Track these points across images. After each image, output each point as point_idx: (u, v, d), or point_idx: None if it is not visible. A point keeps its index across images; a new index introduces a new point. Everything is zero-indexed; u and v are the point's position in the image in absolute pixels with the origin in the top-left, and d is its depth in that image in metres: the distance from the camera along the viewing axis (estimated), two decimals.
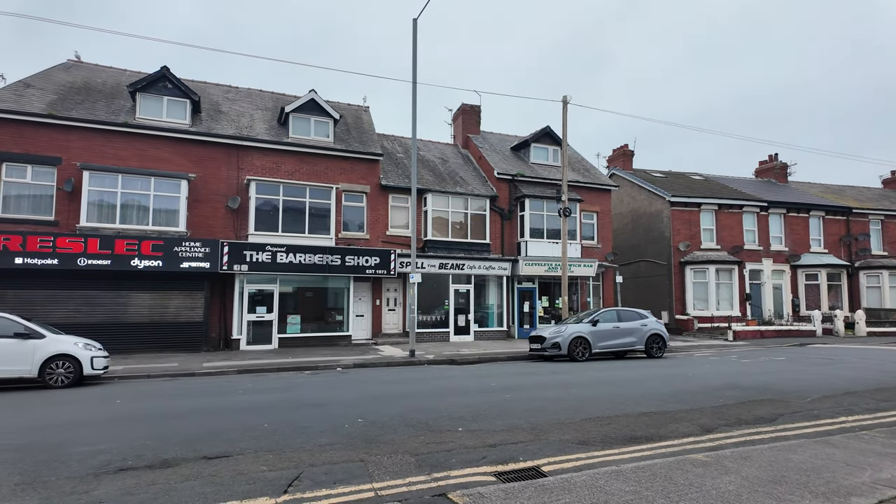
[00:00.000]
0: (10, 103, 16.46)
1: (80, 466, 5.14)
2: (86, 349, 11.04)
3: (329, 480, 4.66)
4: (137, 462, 5.27)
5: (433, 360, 14.95)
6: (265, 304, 18.32)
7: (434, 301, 21.18)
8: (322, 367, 13.69)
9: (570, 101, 19.99)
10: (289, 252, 18.04)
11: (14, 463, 5.27)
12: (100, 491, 4.48)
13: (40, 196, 16.46)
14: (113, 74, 20.37)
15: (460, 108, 27.70)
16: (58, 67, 19.64)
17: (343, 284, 19.60)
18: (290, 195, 18.87)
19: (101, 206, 16.52)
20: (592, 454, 5.46)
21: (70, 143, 16.74)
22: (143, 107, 18.13)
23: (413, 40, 16.17)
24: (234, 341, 17.75)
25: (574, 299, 24.05)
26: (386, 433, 6.34)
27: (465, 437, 6.16)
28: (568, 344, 15.20)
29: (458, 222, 21.82)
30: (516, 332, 22.67)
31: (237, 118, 20.20)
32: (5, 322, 10.63)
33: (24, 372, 10.48)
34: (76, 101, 17.85)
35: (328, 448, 5.72)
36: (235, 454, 5.51)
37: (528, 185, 23.45)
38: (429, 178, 22.32)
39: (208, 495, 4.33)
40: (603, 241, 25.07)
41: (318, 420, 7.12)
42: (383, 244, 20.38)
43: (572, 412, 7.53)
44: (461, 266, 21.23)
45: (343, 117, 22.12)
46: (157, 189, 17.16)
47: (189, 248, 16.77)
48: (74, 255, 15.49)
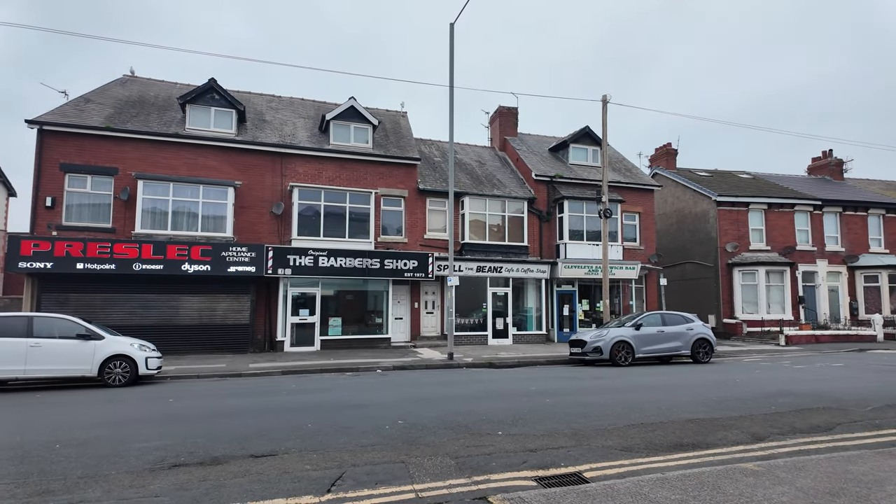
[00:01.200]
0: (72, 118, 17.51)
1: (137, 462, 5.40)
2: (141, 350, 11.59)
3: (371, 481, 4.73)
4: (189, 459, 5.49)
5: (472, 364, 14.94)
6: (308, 307, 18.76)
7: (472, 304, 21.17)
8: (363, 368, 13.90)
9: (610, 101, 19.64)
10: (330, 256, 18.43)
11: (78, 457, 5.58)
12: (155, 485, 4.69)
13: (99, 205, 17.42)
14: (164, 88, 21.36)
15: (497, 111, 27.63)
16: (114, 83, 20.75)
17: (382, 287, 19.85)
18: (331, 200, 19.29)
19: (153, 214, 17.34)
20: (636, 461, 5.34)
21: (126, 154, 17.65)
22: (192, 118, 18.93)
23: (450, 45, 16.26)
24: (278, 343, 18.25)
25: (616, 303, 23.54)
26: (426, 435, 6.38)
27: (505, 440, 6.13)
28: (610, 348, 14.90)
29: (496, 225, 21.75)
30: (556, 335, 22.38)
31: (280, 126, 20.82)
32: (69, 324, 11.31)
33: (86, 371, 11.10)
34: (131, 113, 18.82)
35: (370, 449, 5.81)
36: (281, 453, 5.67)
37: (566, 187, 23.15)
38: (466, 181, 22.36)
39: (256, 492, 4.47)
40: (646, 242, 24.47)
41: (360, 421, 7.24)
42: (421, 248, 20.54)
43: (615, 418, 7.38)
44: (499, 269, 21.14)
45: (381, 123, 22.45)
46: (206, 196, 17.88)
47: (236, 253, 17.37)
48: (130, 260, 16.31)
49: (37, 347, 10.81)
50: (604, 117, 19.77)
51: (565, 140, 25.57)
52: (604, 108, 19.71)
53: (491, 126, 28.46)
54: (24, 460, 5.49)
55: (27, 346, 10.76)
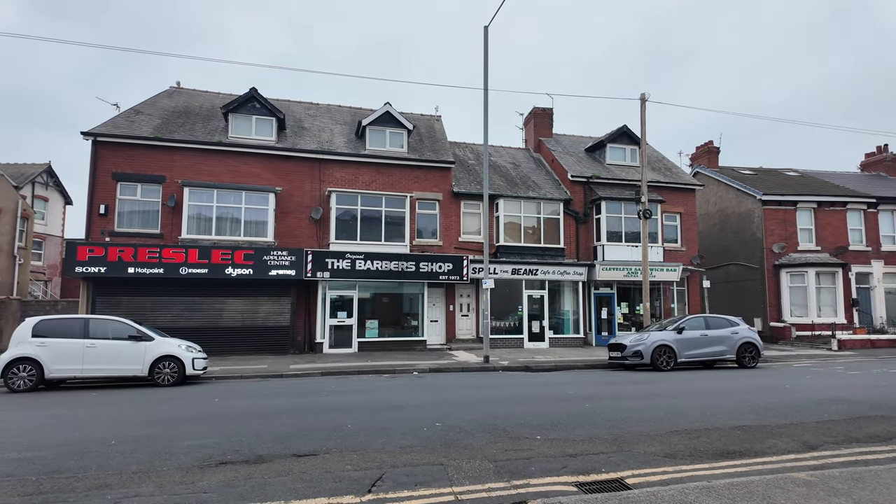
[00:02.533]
0: (123, 129, 18.39)
1: (186, 458, 5.61)
2: (188, 351, 12.04)
3: (410, 482, 4.78)
4: (235, 457, 5.67)
5: (508, 367, 14.86)
6: (345, 310, 19.08)
7: (507, 307, 21.06)
8: (399, 370, 14.03)
9: (648, 99, 19.23)
10: (366, 259, 18.69)
11: (131, 453, 5.85)
12: (204, 482, 4.87)
13: (148, 211, 18.20)
14: (208, 98, 22.17)
15: (531, 112, 27.45)
16: (162, 94, 21.68)
17: (417, 290, 19.99)
18: (368, 205, 19.58)
19: (199, 219, 18.00)
20: (680, 468, 5.20)
21: (173, 163, 18.40)
22: (235, 126, 19.58)
23: (484, 47, 16.27)
24: (317, 344, 18.62)
25: (656, 305, 22.97)
26: (464, 438, 6.39)
27: (543, 445, 6.08)
28: (651, 352, 14.55)
29: (531, 227, 21.59)
30: (594, 339, 22.01)
31: (318, 133, 21.28)
32: (122, 326, 11.86)
33: (137, 371, 11.61)
34: (178, 123, 19.61)
35: (408, 450, 5.86)
36: (322, 453, 5.79)
37: (604, 187, 22.77)
38: (500, 183, 22.28)
39: (299, 491, 4.58)
40: (687, 243, 23.80)
41: (398, 422, 7.31)
42: (456, 250, 20.58)
43: (658, 423, 7.21)
44: (534, 271, 20.96)
45: (416, 127, 22.64)
46: (248, 202, 18.45)
47: (276, 257, 17.84)
48: (177, 264, 16.97)
49: (92, 348, 11.39)
50: (642, 116, 19.37)
51: (602, 140, 25.17)
52: (642, 106, 19.32)
53: (525, 127, 28.28)
54: (84, 455, 5.78)
55: (84, 347, 11.35)
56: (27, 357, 11.01)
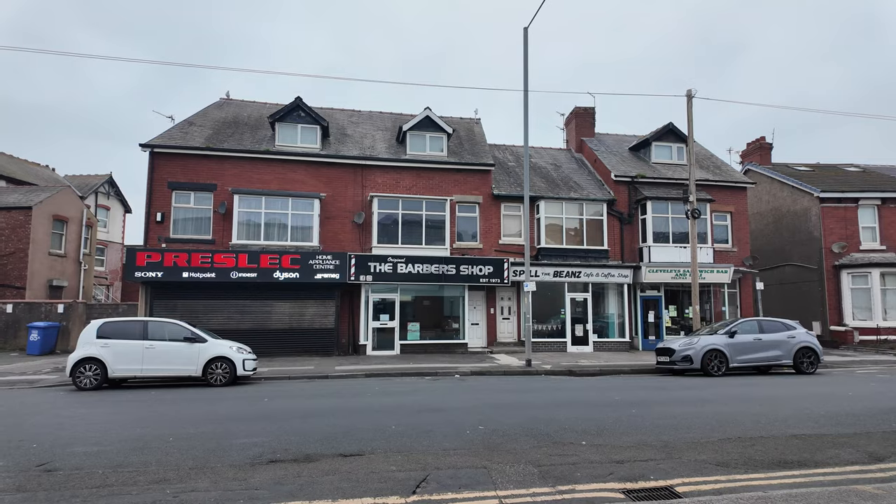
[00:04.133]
0: (178, 140, 19.31)
1: (238, 456, 5.83)
2: (239, 353, 12.50)
3: (454, 485, 4.80)
4: (285, 455, 5.85)
5: (550, 371, 14.68)
6: (387, 312, 19.33)
7: (549, 310, 20.80)
8: (441, 373, 14.09)
9: (695, 95, 18.65)
10: (408, 262, 18.89)
11: (188, 450, 6.13)
12: (255, 479, 5.05)
13: (200, 218, 19.01)
14: (256, 108, 22.99)
15: (573, 112, 27.06)
16: (213, 106, 22.63)
17: (458, 293, 20.03)
18: (408, 209, 19.80)
19: (248, 225, 18.67)
20: (734, 477, 5.01)
21: (223, 171, 19.17)
22: (281, 135, 20.22)
23: (524, 49, 16.19)
24: (361, 347, 18.95)
25: (706, 309, 22.16)
26: (507, 442, 6.37)
27: (589, 450, 5.98)
28: (701, 357, 14.06)
29: (573, 229, 21.26)
30: (640, 343, 21.44)
31: (361, 139, 21.70)
32: (177, 328, 12.44)
33: (192, 371, 12.14)
34: (228, 133, 20.43)
35: (452, 452, 5.89)
36: (368, 453, 5.89)
37: (649, 187, 22.19)
38: (541, 184, 22.07)
39: (346, 490, 4.68)
40: (739, 244, 22.87)
41: (441, 425, 7.36)
42: (496, 253, 20.51)
43: (709, 431, 6.96)
44: (577, 274, 20.63)
45: (456, 131, 22.72)
46: (294, 208, 19.01)
47: (321, 261, 18.28)
48: (228, 269, 17.65)
49: (151, 349, 11.99)
50: (689, 112, 18.79)
51: (647, 138, 24.54)
52: (689, 102, 18.73)
53: (566, 128, 27.91)
54: (144, 451, 6.11)
55: (143, 348, 11.96)
56: (93, 357, 11.70)
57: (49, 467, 5.46)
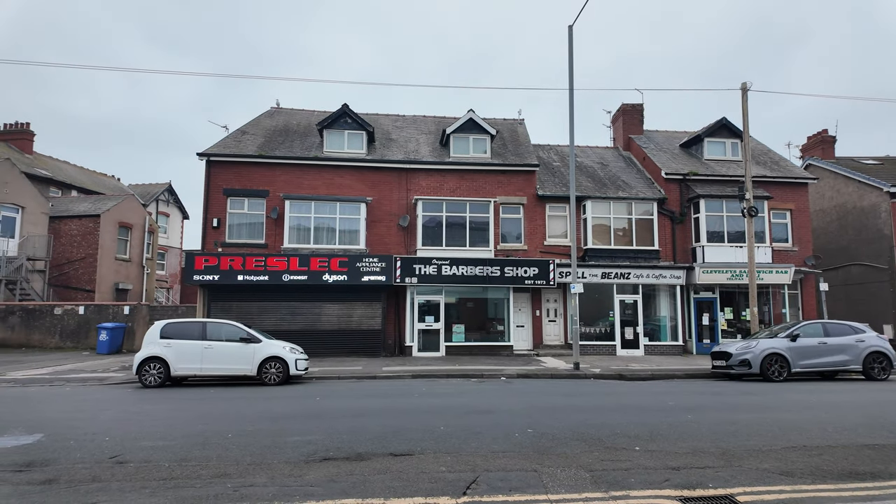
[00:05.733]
0: (232, 148, 20.16)
1: (293, 453, 6.02)
2: (291, 353, 12.89)
3: (505, 487, 4.78)
4: (337, 453, 5.99)
5: (600, 375, 14.38)
6: (432, 314, 19.47)
7: (597, 312, 20.38)
8: (487, 375, 14.05)
9: (750, 88, 17.85)
10: (452, 264, 18.97)
11: (246, 446, 6.37)
12: (310, 476, 5.19)
13: (253, 223, 19.76)
14: (305, 116, 23.69)
15: (620, 109, 26.45)
16: (264, 114, 23.49)
17: (502, 295, 19.93)
18: (452, 211, 19.90)
19: (298, 230, 19.26)
20: (800, 488, 4.76)
21: (275, 178, 19.86)
22: (329, 141, 20.76)
23: (569, 47, 15.98)
24: (407, 348, 19.16)
25: (765, 311, 21.14)
26: (557, 445, 6.29)
27: (643, 456, 5.83)
28: (760, 361, 13.42)
29: (622, 229, 20.76)
30: (694, 347, 20.68)
31: (405, 143, 21.99)
32: (234, 329, 12.95)
33: (247, 371, 12.61)
34: (278, 141, 21.15)
35: (501, 455, 5.87)
36: (417, 453, 5.96)
37: (702, 184, 21.40)
38: (587, 184, 21.68)
39: (397, 489, 4.75)
40: (800, 242, 21.71)
41: (489, 427, 7.34)
42: (541, 254, 20.28)
43: (771, 438, 6.65)
44: (626, 275, 20.12)
45: (499, 132, 22.66)
46: (342, 212, 19.48)
47: (368, 264, 18.63)
48: (280, 272, 18.25)
49: (209, 349, 12.54)
50: (744, 106, 18.00)
51: (699, 134, 23.69)
52: (743, 96, 17.96)
53: (613, 125, 27.31)
54: (206, 446, 6.39)
55: (202, 348, 12.52)
56: (157, 356, 12.35)
57: (120, 459, 5.80)
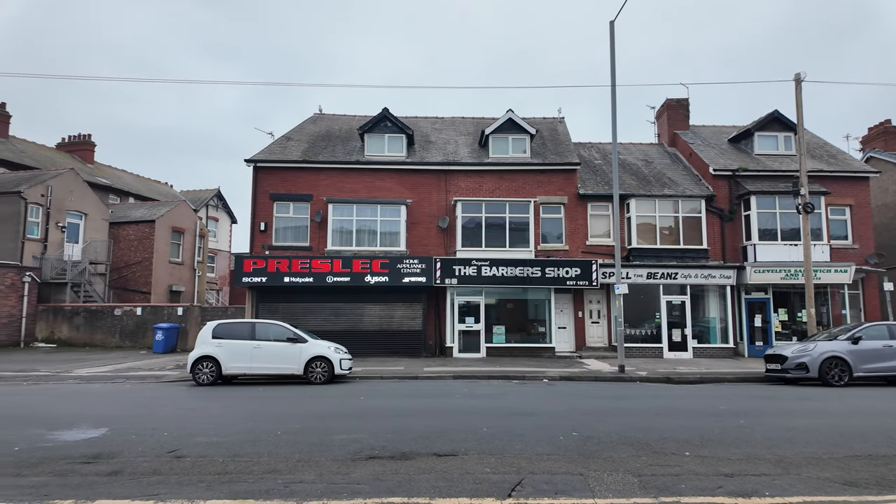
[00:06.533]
0: (278, 154, 20.79)
1: (340, 451, 6.15)
2: (336, 353, 13.16)
3: (550, 490, 4.74)
4: (382, 452, 6.09)
5: (646, 378, 14.02)
6: (472, 315, 19.47)
7: (643, 314, 19.87)
8: (529, 377, 13.94)
9: (804, 79, 17.02)
10: (492, 266, 18.92)
11: (294, 444, 6.55)
12: (356, 474, 5.29)
13: (298, 227, 20.32)
14: (346, 121, 24.18)
15: (664, 104, 25.74)
16: (308, 120, 24.11)
17: (543, 296, 19.73)
18: (492, 211, 19.84)
19: (341, 232, 19.68)
20: (864, 499, 4.52)
21: (318, 182, 20.35)
22: (370, 145, 21.12)
23: (611, 43, 15.68)
24: (447, 348, 19.24)
25: (823, 312, 20.09)
26: (603, 449, 6.18)
27: (693, 462, 5.65)
28: (819, 365, 12.77)
29: (668, 227, 20.18)
30: (746, 349, 19.87)
31: (444, 145, 22.11)
32: (281, 329, 13.35)
33: (294, 370, 12.95)
34: (321, 146, 21.67)
35: (545, 458, 5.82)
36: (461, 454, 5.98)
37: (753, 180, 20.55)
38: (631, 182, 21.19)
39: (442, 489, 4.78)
40: (860, 240, 20.53)
41: (533, 429, 7.29)
42: (583, 255, 19.95)
43: (831, 446, 6.32)
44: (673, 275, 19.53)
45: (539, 131, 22.45)
46: (383, 215, 19.78)
47: (408, 265, 18.83)
48: (324, 273, 18.69)
49: (258, 349, 12.96)
50: (798, 98, 17.19)
51: (749, 128, 22.77)
52: (797, 87, 17.14)
53: (657, 121, 26.60)
54: (257, 443, 6.61)
55: (251, 348, 12.95)
56: (209, 356, 12.85)
57: (178, 454, 6.08)
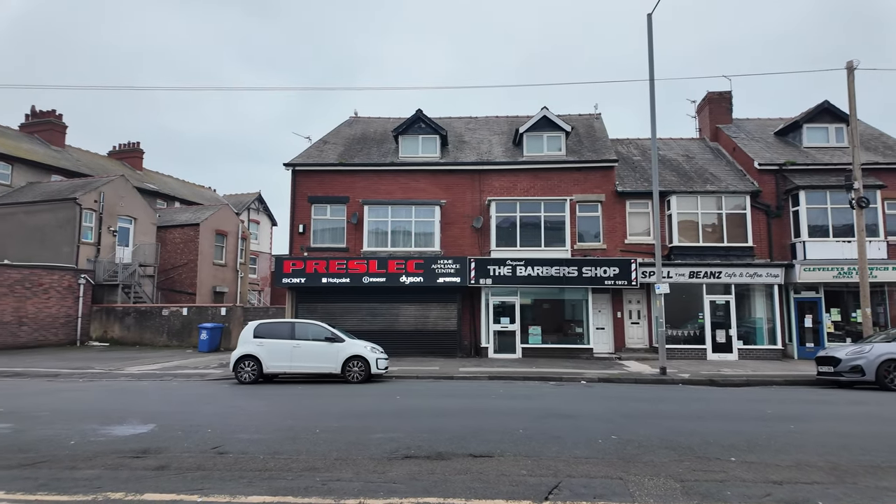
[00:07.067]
0: (315, 157, 21.21)
1: (376, 450, 6.21)
2: (372, 352, 13.32)
3: (589, 494, 4.65)
4: (418, 452, 6.11)
5: (689, 380, 13.59)
6: (507, 315, 19.33)
7: (685, 314, 19.27)
8: (566, 378, 13.74)
9: (857, 67, 16.16)
10: (527, 265, 18.73)
11: (333, 441, 6.65)
12: (393, 473, 5.33)
13: (335, 228, 20.65)
14: (381, 123, 24.44)
15: (705, 98, 24.93)
16: (343, 124, 24.50)
17: (580, 296, 19.40)
18: (526, 211, 19.65)
19: (376, 234, 19.90)
20: None
21: (354, 184, 20.64)
22: (404, 147, 21.28)
23: (648, 36, 15.29)
24: (482, 349, 19.16)
25: (879, 312, 19.00)
26: (643, 453, 6.02)
27: (739, 468, 5.44)
28: (876, 367, 12.08)
29: (711, 224, 19.51)
30: (795, 351, 19.01)
31: (477, 145, 22.05)
32: (319, 329, 13.60)
33: (332, 369, 13.17)
34: (357, 149, 21.97)
35: (583, 461, 5.71)
36: (497, 455, 5.93)
37: (801, 175, 19.65)
38: (671, 178, 20.60)
39: (478, 490, 4.75)
40: None
41: (570, 431, 7.17)
42: (622, 253, 19.52)
43: (890, 454, 5.97)
44: (717, 274, 18.87)
45: (574, 128, 22.11)
46: (417, 215, 19.89)
47: (443, 265, 18.86)
48: (360, 274, 18.93)
49: (297, 348, 13.23)
50: (850, 88, 16.33)
51: (796, 120, 21.78)
52: (849, 76, 16.29)
53: (699, 115, 25.77)
54: (296, 440, 6.75)
55: (291, 347, 13.24)
56: (250, 355, 13.22)
57: (221, 450, 6.27)
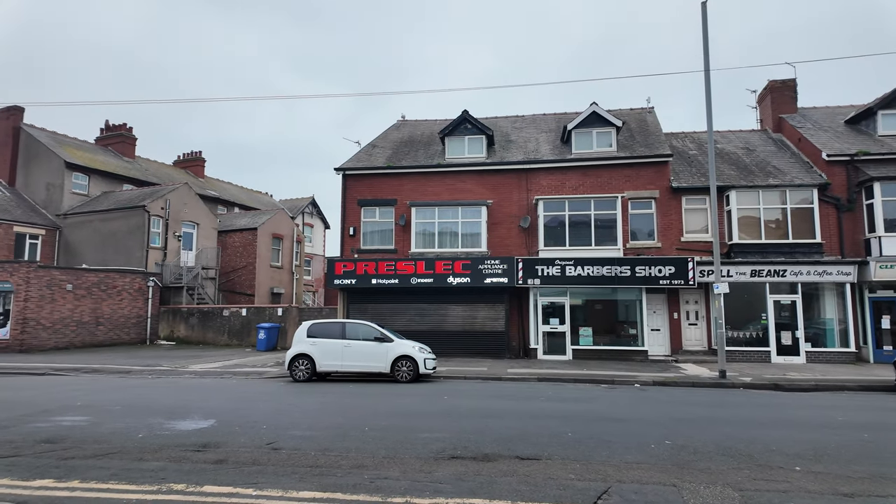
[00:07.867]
0: (364, 161, 21.64)
1: (423, 450, 6.26)
2: (420, 352, 13.45)
3: (639, 500, 4.51)
4: (464, 452, 6.11)
5: (750, 384, 12.92)
6: (557, 316, 19.00)
7: (746, 315, 18.31)
8: (618, 381, 13.36)
9: None
10: (576, 265, 18.34)
11: (381, 440, 6.76)
12: (439, 473, 5.36)
13: (384, 230, 21.00)
14: (428, 126, 24.64)
15: (767, 87, 23.62)
16: (391, 128, 24.87)
17: (634, 296, 18.80)
18: (575, 209, 19.24)
19: (424, 235, 20.07)
20: None
21: (402, 187, 20.91)
22: (450, 148, 21.36)
23: (703, 25, 14.66)
24: (531, 350, 18.93)
25: None
26: (699, 460, 5.77)
27: (804, 478, 5.12)
28: None
29: (774, 220, 18.46)
30: (871, 354, 17.68)
31: (524, 144, 21.83)
32: (369, 329, 13.86)
33: (381, 368, 13.39)
34: (404, 152, 22.25)
35: (634, 466, 5.54)
36: (544, 458, 5.85)
37: (876, 165, 18.26)
38: (730, 172, 19.64)
39: (524, 493, 4.71)
40: None
41: (621, 436, 6.97)
42: (678, 252, 18.77)
43: None
44: (781, 272, 17.83)
45: (626, 123, 21.48)
46: (464, 216, 19.91)
47: (490, 266, 18.78)
48: (408, 275, 19.15)
49: (348, 347, 13.55)
50: None
51: (870, 107, 20.27)
52: None
53: (759, 105, 24.46)
54: (345, 438, 6.91)
55: (342, 346, 13.57)
56: (304, 354, 13.65)
57: (275, 446, 6.50)
